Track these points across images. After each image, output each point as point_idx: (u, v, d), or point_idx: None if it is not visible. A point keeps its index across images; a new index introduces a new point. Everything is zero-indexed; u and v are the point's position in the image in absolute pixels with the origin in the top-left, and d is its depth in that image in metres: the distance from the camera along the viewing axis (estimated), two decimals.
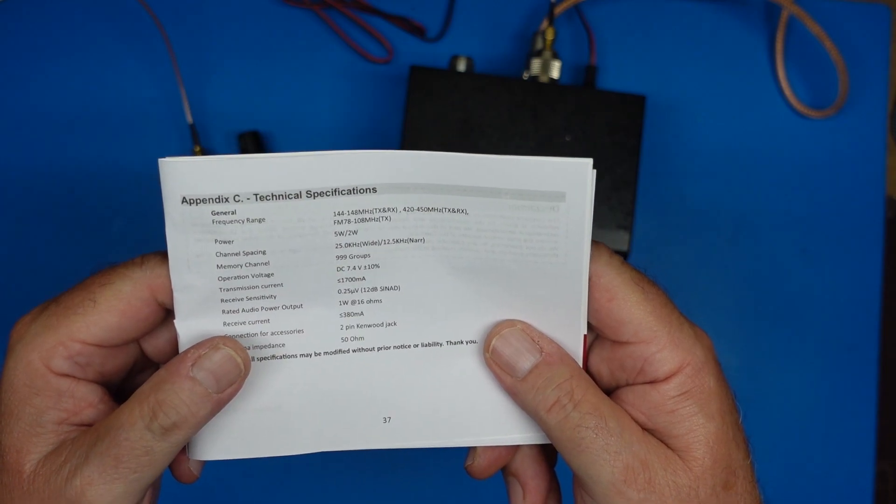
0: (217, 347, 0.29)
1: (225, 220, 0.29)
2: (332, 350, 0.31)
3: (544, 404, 0.30)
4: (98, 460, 0.28)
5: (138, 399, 0.28)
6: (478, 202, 0.29)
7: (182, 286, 0.30)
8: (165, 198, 0.28)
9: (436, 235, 0.30)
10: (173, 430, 0.28)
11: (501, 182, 0.28)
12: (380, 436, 0.32)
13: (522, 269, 0.30)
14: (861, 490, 0.55)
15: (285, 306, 0.31)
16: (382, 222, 0.29)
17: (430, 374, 0.32)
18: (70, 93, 0.54)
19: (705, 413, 0.30)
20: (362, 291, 0.31)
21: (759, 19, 0.57)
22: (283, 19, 0.55)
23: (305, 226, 0.29)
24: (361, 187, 0.29)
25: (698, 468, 0.29)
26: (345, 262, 0.30)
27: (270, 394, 0.31)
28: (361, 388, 0.32)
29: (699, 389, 0.30)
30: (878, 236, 0.56)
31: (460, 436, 0.32)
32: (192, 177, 0.28)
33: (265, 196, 0.28)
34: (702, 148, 0.56)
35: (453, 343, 0.32)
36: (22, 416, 0.29)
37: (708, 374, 0.30)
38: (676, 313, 0.31)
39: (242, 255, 0.29)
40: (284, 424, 0.32)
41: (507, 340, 0.31)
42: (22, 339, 0.29)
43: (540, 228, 0.29)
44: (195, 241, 0.29)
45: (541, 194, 0.28)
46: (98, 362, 0.30)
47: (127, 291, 0.29)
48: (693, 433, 0.29)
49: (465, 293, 0.31)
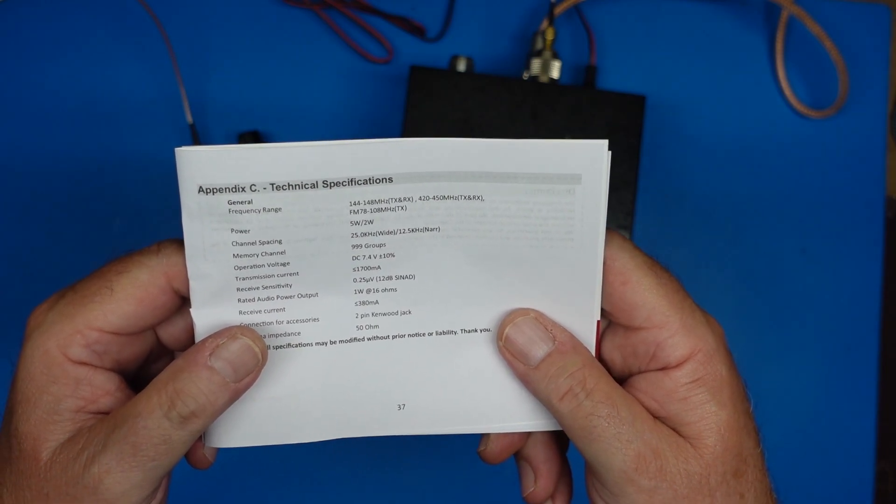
0: (235, 337, 0.30)
1: (241, 209, 0.29)
2: (347, 338, 0.32)
3: (557, 393, 0.30)
4: (116, 448, 0.28)
5: (156, 387, 0.29)
6: (493, 188, 0.29)
7: (198, 275, 0.30)
8: (182, 187, 0.28)
9: (451, 224, 0.30)
10: (191, 419, 0.28)
11: (517, 166, 0.28)
12: (394, 422, 0.32)
13: (537, 255, 0.30)
14: (861, 490, 0.55)
15: (301, 295, 0.31)
16: (398, 212, 0.29)
17: (445, 362, 0.32)
18: (70, 93, 0.54)
19: (717, 401, 0.30)
20: (377, 280, 0.31)
21: (759, 19, 0.57)
22: (283, 19, 0.55)
23: (321, 215, 0.29)
24: (378, 177, 0.29)
25: (709, 456, 0.29)
26: (360, 251, 0.30)
27: (286, 382, 0.32)
28: (376, 376, 0.32)
29: (711, 377, 0.30)
30: (878, 236, 0.56)
31: (474, 423, 0.32)
32: (209, 166, 0.28)
33: (282, 186, 0.28)
34: (702, 148, 0.56)
35: (468, 331, 0.32)
36: (39, 404, 0.29)
37: (719, 361, 0.30)
38: (689, 300, 0.31)
39: (258, 244, 0.29)
40: (299, 412, 0.32)
41: (521, 329, 0.31)
42: (39, 327, 0.29)
43: (556, 212, 0.29)
44: (211, 231, 0.29)
45: (557, 177, 0.29)
46: (115, 350, 0.30)
47: (144, 279, 0.29)
48: (705, 420, 0.30)
49: (479, 281, 0.31)
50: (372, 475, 0.53)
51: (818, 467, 0.55)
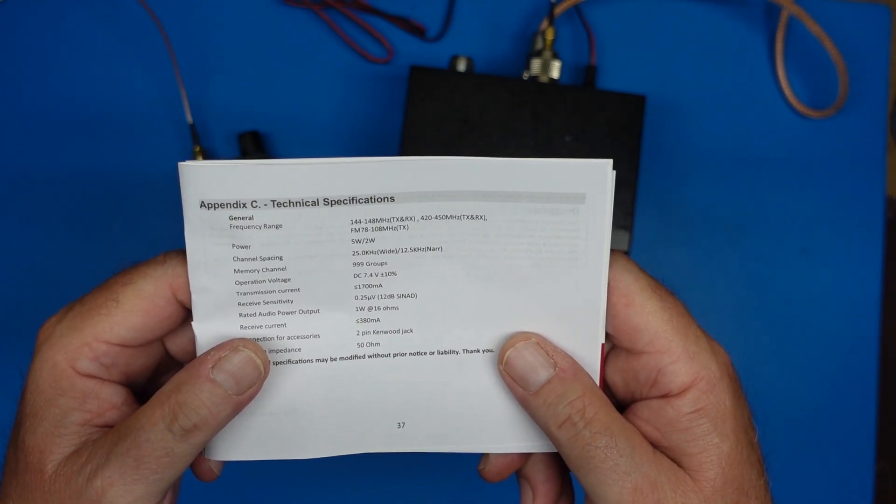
0: (237, 349, 0.29)
1: (242, 225, 0.29)
2: (347, 355, 0.31)
3: (555, 420, 0.30)
4: (119, 461, 0.28)
5: (159, 401, 0.29)
6: (496, 207, 0.29)
7: (200, 289, 0.30)
8: (185, 201, 0.28)
9: (453, 243, 0.30)
10: (194, 432, 0.28)
11: (520, 185, 0.28)
12: (393, 440, 0.32)
13: (541, 275, 0.30)
14: (861, 490, 0.55)
15: (302, 311, 0.31)
16: (400, 231, 0.29)
17: (445, 382, 0.32)
18: (70, 93, 0.54)
19: (719, 432, 0.29)
20: (379, 298, 0.31)
21: (759, 19, 0.57)
22: (283, 19, 0.55)
23: (323, 233, 0.29)
24: (379, 196, 0.29)
25: (709, 489, 0.29)
26: (361, 269, 0.30)
27: (286, 398, 0.31)
28: (376, 394, 0.32)
29: (714, 407, 0.29)
30: (878, 236, 0.56)
31: (472, 442, 0.32)
32: (210, 181, 0.28)
33: (283, 203, 0.28)
34: (702, 148, 0.56)
35: (469, 351, 0.32)
36: (46, 417, 0.29)
37: (723, 390, 0.30)
38: (693, 326, 0.31)
39: (259, 259, 0.29)
40: (299, 428, 0.32)
41: (521, 353, 0.31)
42: (48, 339, 0.29)
43: (559, 231, 0.29)
44: (213, 245, 0.29)
45: (560, 196, 0.28)
46: (123, 363, 0.30)
47: (149, 291, 0.30)
48: (706, 453, 0.29)
49: (482, 302, 0.31)
50: (372, 487, 0.53)
51: (818, 467, 0.55)
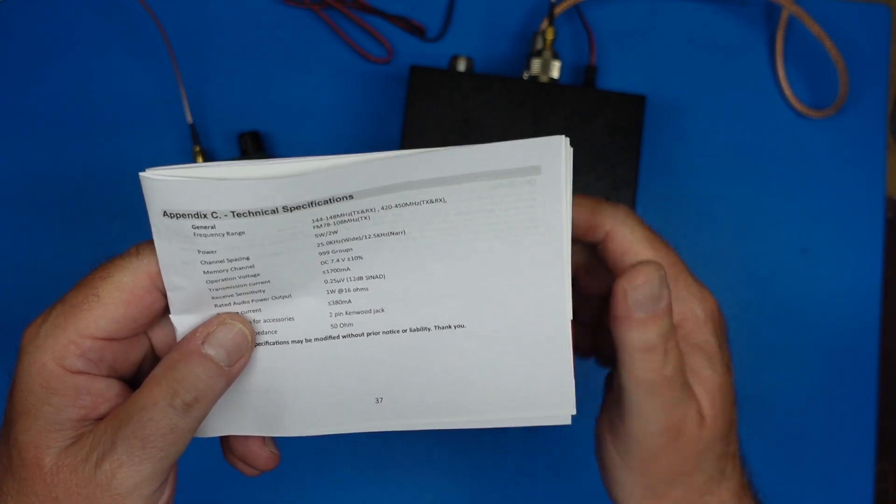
0: (224, 322, 0.31)
1: (206, 233, 0.29)
2: (322, 336, 0.32)
3: (645, 344, 0.31)
4: (125, 444, 0.28)
5: (156, 380, 0.29)
6: (454, 189, 0.29)
7: (173, 286, 0.30)
8: (149, 208, 0.29)
9: (415, 226, 0.30)
10: (194, 406, 0.29)
11: (478, 167, 0.29)
12: (373, 416, 0.33)
13: (505, 248, 0.30)
14: (861, 490, 0.55)
15: (274, 297, 0.31)
16: (362, 221, 0.30)
17: (420, 358, 0.32)
18: (70, 93, 0.54)
19: (711, 366, 0.32)
20: (348, 280, 0.31)
21: (759, 19, 0.57)
22: (282, 19, 0.55)
23: (285, 234, 0.30)
24: (337, 196, 0.29)
25: (709, 420, 0.32)
26: (328, 256, 0.31)
27: (266, 378, 0.32)
28: (353, 372, 0.32)
29: (702, 344, 0.33)
30: (878, 236, 0.56)
31: (451, 415, 0.33)
32: (170, 194, 0.28)
33: (242, 213, 0.29)
34: (702, 148, 0.56)
35: (441, 328, 0.32)
36: (40, 416, 0.29)
37: (708, 332, 0.33)
38: (685, 273, 0.33)
39: (227, 261, 0.30)
40: (281, 406, 0.33)
41: (652, 282, 0.31)
42: (33, 341, 0.30)
43: (518, 202, 0.29)
44: (180, 250, 0.30)
45: (517, 171, 0.29)
46: (110, 357, 0.30)
47: (128, 282, 0.30)
48: (702, 384, 0.32)
49: (449, 278, 0.31)
50: (366, 476, 0.54)
51: (818, 467, 0.55)
